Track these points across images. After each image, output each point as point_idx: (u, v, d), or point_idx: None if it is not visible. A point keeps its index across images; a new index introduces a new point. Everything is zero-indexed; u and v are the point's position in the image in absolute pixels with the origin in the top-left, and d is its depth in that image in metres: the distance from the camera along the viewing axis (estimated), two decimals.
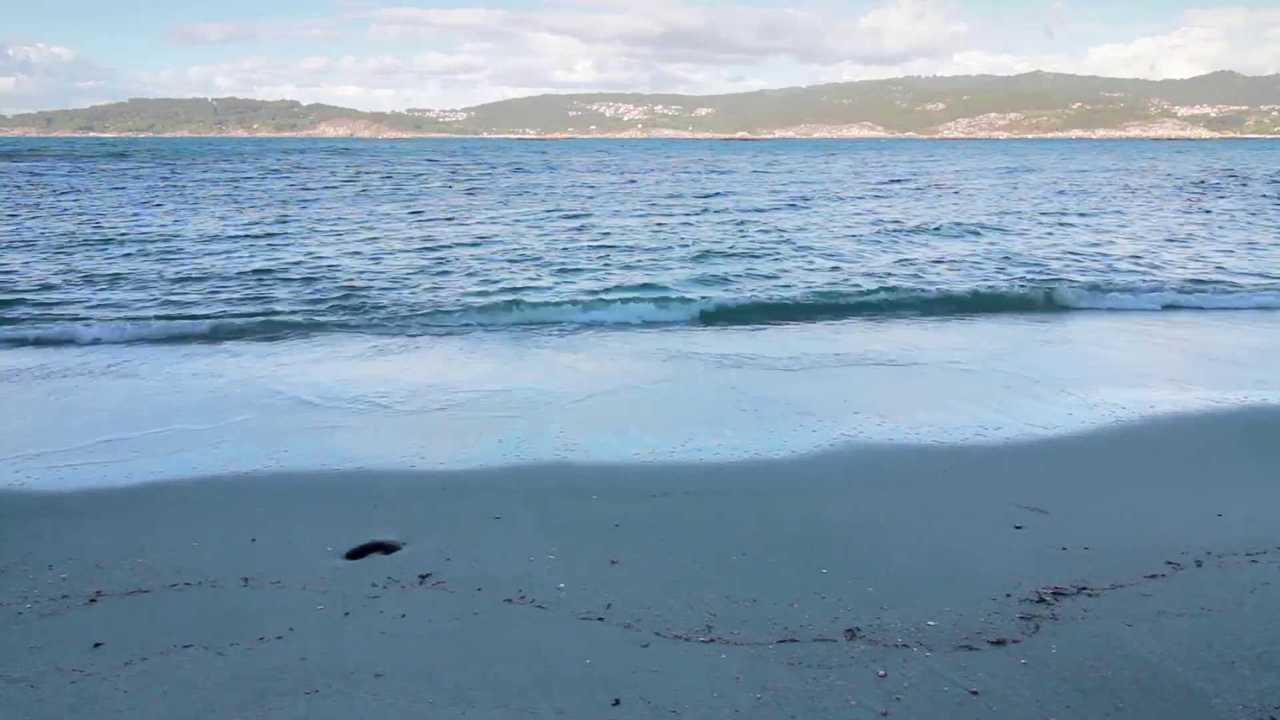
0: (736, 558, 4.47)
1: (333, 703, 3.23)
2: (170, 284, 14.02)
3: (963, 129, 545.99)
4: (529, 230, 21.91)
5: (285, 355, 9.68)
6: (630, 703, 3.23)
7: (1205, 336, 10.73)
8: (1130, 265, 16.31)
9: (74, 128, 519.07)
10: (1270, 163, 65.47)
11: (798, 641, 3.64)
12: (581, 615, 3.88)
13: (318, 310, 12.08)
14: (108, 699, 3.27)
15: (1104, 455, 6.15)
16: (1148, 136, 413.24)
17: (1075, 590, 4.08)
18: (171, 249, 17.87)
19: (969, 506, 5.18)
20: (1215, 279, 14.83)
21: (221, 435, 6.64)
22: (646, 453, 6.21)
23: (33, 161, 54.60)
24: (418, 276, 14.88)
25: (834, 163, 67.42)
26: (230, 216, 24.36)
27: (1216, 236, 20.82)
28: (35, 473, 5.84)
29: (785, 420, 6.94)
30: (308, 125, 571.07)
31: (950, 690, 3.29)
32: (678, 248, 18.38)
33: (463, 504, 5.24)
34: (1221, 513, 5.05)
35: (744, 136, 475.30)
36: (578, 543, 4.65)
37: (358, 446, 6.40)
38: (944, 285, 13.98)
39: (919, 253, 18.06)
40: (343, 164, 58.54)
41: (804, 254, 17.73)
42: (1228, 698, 3.25)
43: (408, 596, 4.07)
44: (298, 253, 17.57)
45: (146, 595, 4.10)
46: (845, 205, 29.79)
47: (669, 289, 13.63)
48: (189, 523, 4.97)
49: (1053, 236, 20.86)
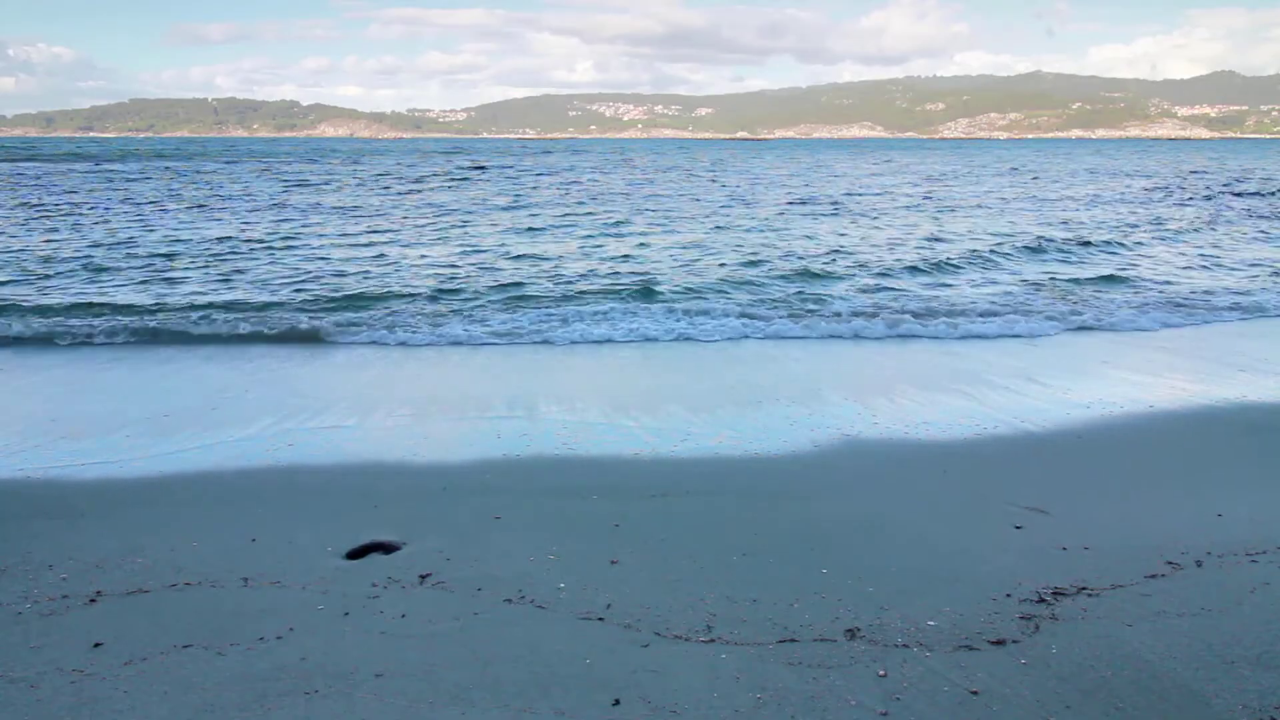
0: (736, 558, 4.47)
1: (333, 703, 3.23)
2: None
3: (963, 129, 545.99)
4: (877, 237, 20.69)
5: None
6: (630, 703, 3.23)
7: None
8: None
9: (74, 128, 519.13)
10: (1245, 163, 65.21)
11: (798, 641, 3.64)
12: (581, 615, 3.88)
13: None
14: (108, 699, 3.27)
15: (1104, 455, 6.15)
16: (1147, 136, 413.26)
17: (1075, 590, 4.08)
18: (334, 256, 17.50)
19: (969, 506, 5.18)
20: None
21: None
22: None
23: (79, 163, 52.99)
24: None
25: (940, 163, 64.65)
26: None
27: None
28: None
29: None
30: (308, 125, 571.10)
31: (950, 690, 3.29)
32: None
33: (463, 504, 5.24)
34: (1221, 513, 5.05)
35: (744, 136, 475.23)
36: (578, 543, 4.65)
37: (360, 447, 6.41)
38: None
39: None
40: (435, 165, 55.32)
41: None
42: (1228, 698, 3.25)
43: (408, 596, 4.07)
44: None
45: (146, 595, 4.10)
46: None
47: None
48: (189, 523, 4.97)
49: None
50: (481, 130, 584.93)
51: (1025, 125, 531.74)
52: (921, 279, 15.22)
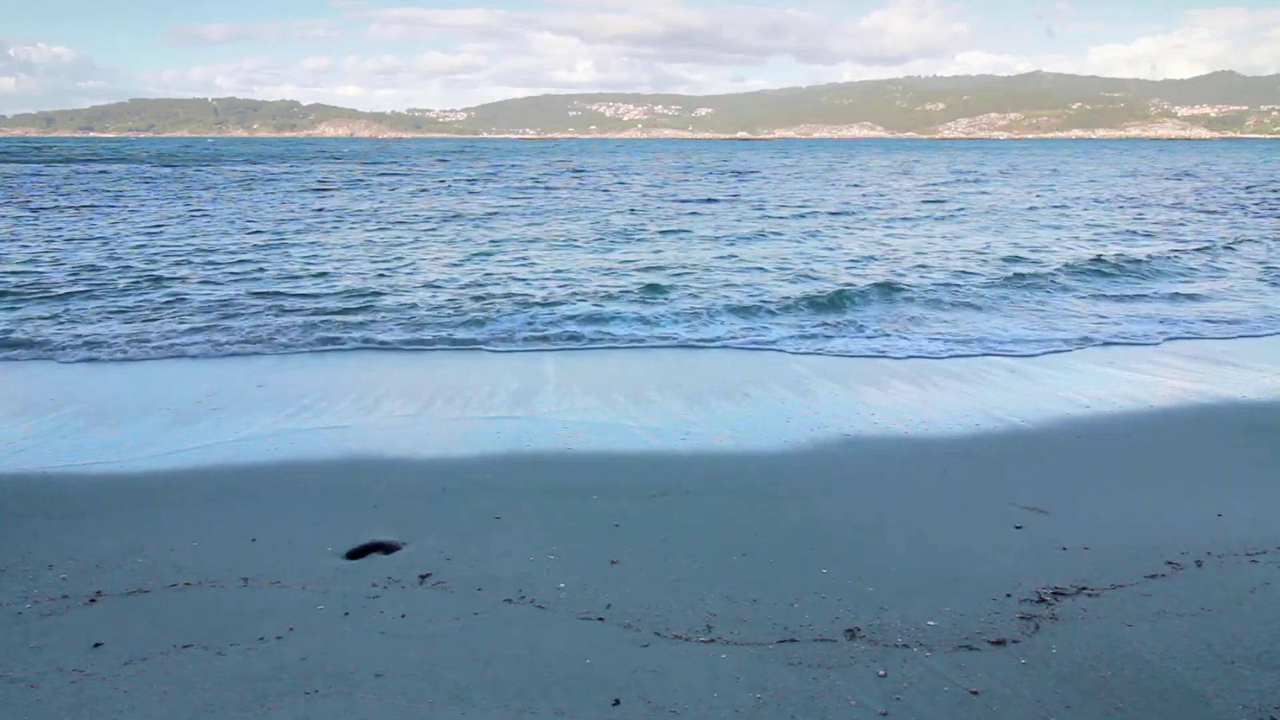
0: (736, 558, 4.47)
1: (333, 703, 3.23)
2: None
3: (962, 129, 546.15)
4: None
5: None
6: (630, 703, 3.23)
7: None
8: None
9: (74, 128, 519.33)
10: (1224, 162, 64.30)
11: (798, 641, 3.64)
12: (581, 615, 3.89)
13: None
14: (108, 699, 3.27)
15: (1104, 455, 6.15)
16: (1147, 136, 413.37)
17: (1075, 590, 4.08)
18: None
19: (969, 506, 5.18)
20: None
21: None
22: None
23: (114, 165, 51.96)
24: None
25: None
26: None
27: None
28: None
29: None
30: (307, 125, 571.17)
31: (950, 690, 3.29)
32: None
33: (463, 504, 5.24)
34: (1221, 513, 5.05)
35: (744, 136, 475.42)
36: (578, 543, 4.65)
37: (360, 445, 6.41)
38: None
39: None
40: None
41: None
42: (1228, 698, 3.25)
43: (408, 596, 4.07)
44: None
45: (146, 595, 4.10)
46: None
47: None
48: (189, 523, 4.97)
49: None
50: (481, 130, 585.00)
51: (1025, 125, 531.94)
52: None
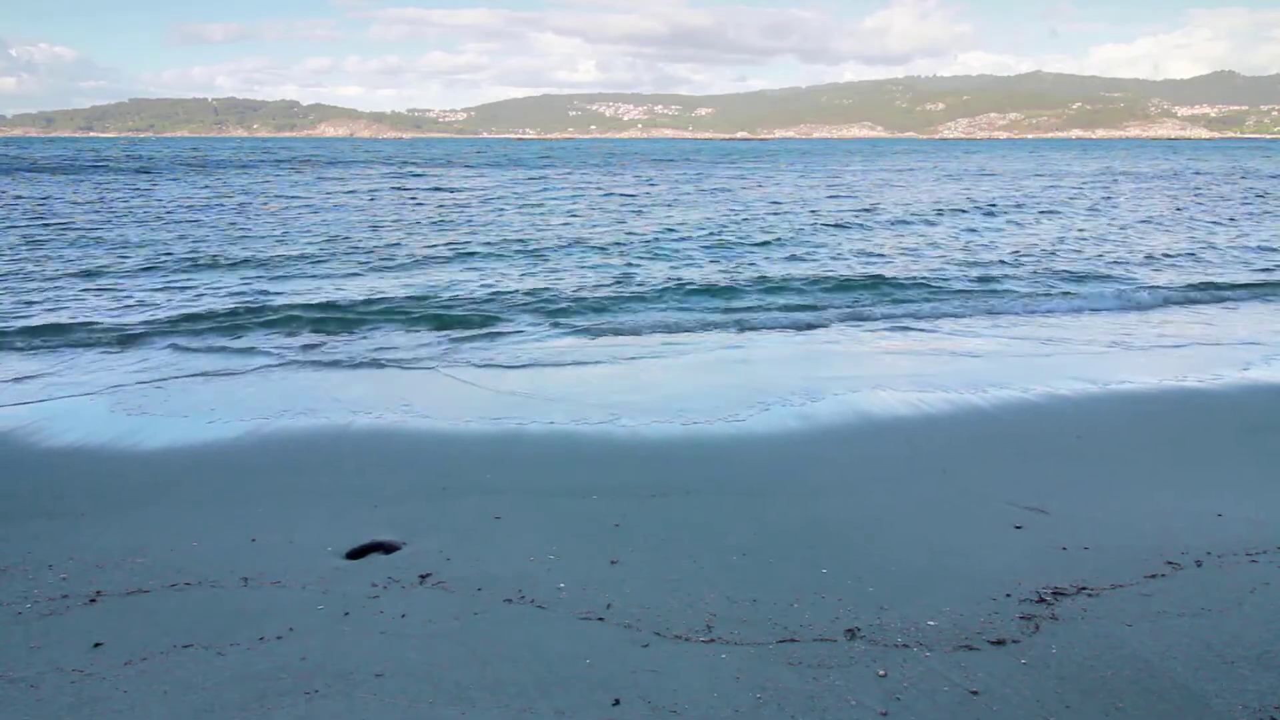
0: (736, 558, 4.47)
1: (333, 703, 3.23)
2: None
3: (963, 129, 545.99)
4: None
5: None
6: (630, 703, 3.23)
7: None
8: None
9: (74, 128, 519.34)
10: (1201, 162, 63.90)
11: (798, 641, 3.64)
12: (581, 615, 3.89)
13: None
14: (108, 699, 3.27)
15: (1104, 455, 6.15)
16: (1147, 136, 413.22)
17: (1075, 590, 4.08)
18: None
19: (969, 506, 5.18)
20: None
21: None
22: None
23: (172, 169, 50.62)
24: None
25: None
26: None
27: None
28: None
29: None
30: (308, 125, 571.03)
31: (950, 690, 3.29)
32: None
33: (463, 504, 5.24)
34: (1221, 513, 5.05)
35: (744, 136, 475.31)
36: (578, 543, 4.65)
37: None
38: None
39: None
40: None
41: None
42: (1228, 698, 3.25)
43: (408, 596, 4.07)
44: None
45: (146, 595, 4.10)
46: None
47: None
48: (189, 523, 4.97)
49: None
50: (481, 130, 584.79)
51: (1025, 125, 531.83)
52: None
